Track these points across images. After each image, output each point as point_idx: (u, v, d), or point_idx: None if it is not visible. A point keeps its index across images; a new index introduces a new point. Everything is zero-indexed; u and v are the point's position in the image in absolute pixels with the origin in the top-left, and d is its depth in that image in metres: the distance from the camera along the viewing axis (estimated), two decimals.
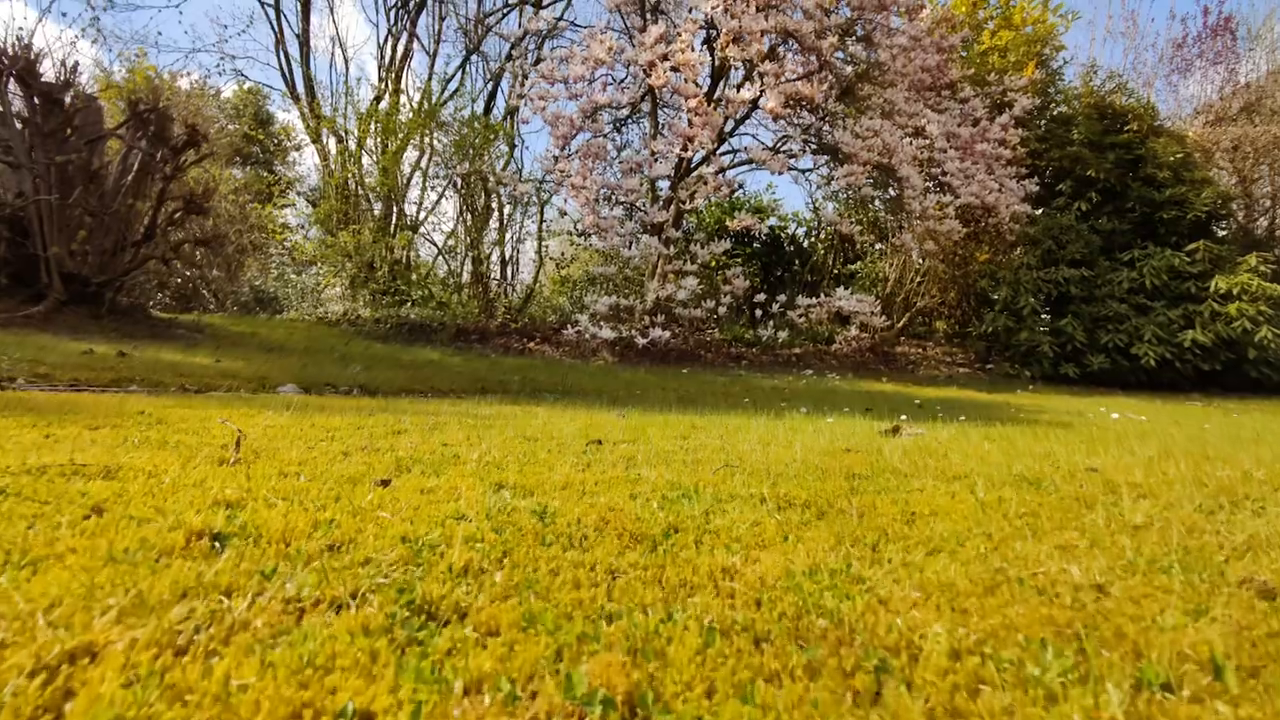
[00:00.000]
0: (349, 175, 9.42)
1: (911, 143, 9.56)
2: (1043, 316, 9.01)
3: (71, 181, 5.65)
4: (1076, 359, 8.86)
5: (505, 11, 11.24)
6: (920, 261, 10.43)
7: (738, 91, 7.61)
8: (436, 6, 10.93)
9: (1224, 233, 11.15)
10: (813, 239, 13.76)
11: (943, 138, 9.43)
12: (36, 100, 5.59)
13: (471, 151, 8.38)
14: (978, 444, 2.60)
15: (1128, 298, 8.91)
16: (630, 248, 8.36)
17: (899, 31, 9.19)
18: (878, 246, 12.40)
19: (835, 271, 12.60)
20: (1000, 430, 3.34)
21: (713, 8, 7.60)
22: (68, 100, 5.61)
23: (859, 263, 12.49)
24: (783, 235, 14.03)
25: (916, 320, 11.42)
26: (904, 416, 3.60)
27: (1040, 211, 10.19)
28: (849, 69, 8.60)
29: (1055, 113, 10.89)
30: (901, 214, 9.13)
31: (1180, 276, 8.99)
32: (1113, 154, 9.83)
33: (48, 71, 5.57)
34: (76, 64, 5.78)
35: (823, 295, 8.95)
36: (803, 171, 10.23)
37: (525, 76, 8.75)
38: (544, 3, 11.57)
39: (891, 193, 9.25)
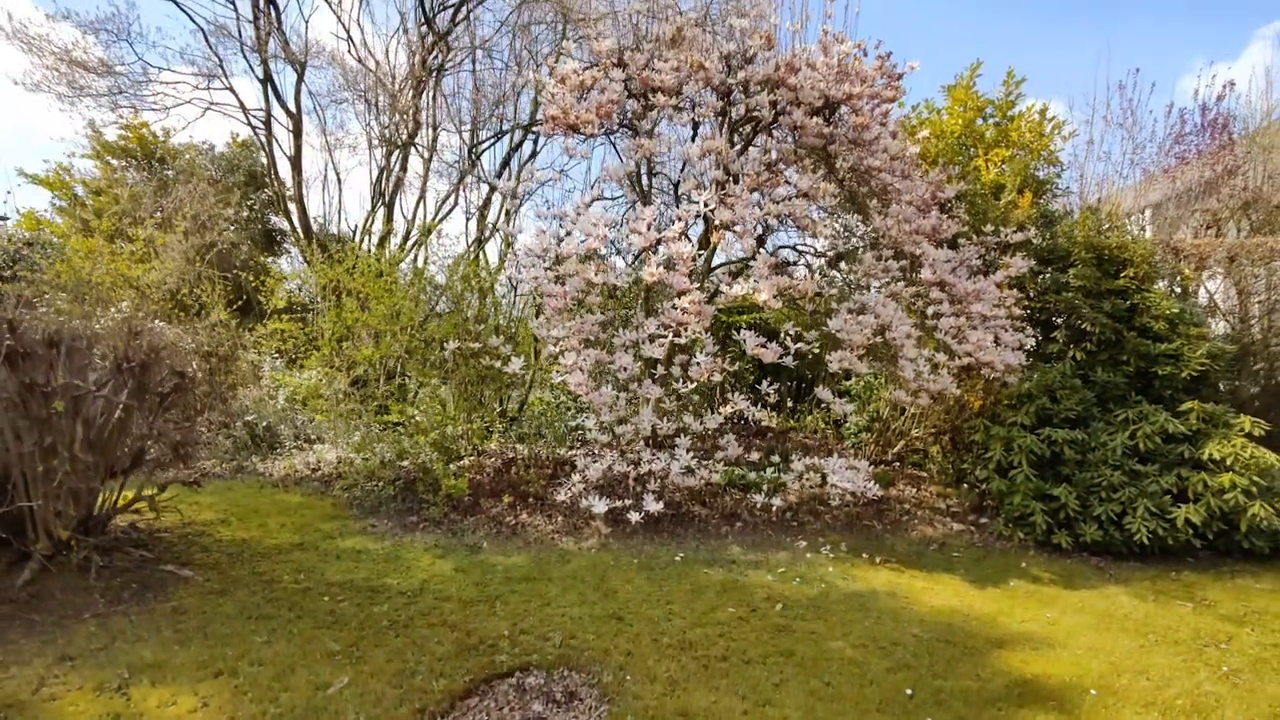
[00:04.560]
0: (340, 335, 9.35)
1: (907, 274, 9.52)
2: (1034, 482, 8.99)
3: (54, 447, 5.60)
4: (1070, 526, 8.85)
5: (495, 139, 11.17)
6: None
7: (731, 287, 7.55)
8: (429, 135, 10.85)
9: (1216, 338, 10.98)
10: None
11: (937, 287, 9.40)
12: (20, 359, 5.52)
13: (458, 337, 8.36)
14: None
15: (1122, 463, 8.89)
16: (624, 425, 8.32)
17: (893, 188, 9.13)
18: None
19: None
20: None
21: (706, 203, 7.53)
22: (50, 356, 5.55)
23: (853, 380, 12.47)
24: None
25: (911, 451, 11.41)
26: None
27: (1034, 355, 10.13)
28: (843, 247, 8.55)
29: (1049, 244, 10.77)
30: (895, 379, 9.10)
31: (1173, 440, 8.97)
32: (1108, 302, 9.79)
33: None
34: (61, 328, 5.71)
35: (817, 459, 8.93)
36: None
37: (513, 242, 8.68)
38: (534, 126, 11.48)
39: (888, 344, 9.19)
